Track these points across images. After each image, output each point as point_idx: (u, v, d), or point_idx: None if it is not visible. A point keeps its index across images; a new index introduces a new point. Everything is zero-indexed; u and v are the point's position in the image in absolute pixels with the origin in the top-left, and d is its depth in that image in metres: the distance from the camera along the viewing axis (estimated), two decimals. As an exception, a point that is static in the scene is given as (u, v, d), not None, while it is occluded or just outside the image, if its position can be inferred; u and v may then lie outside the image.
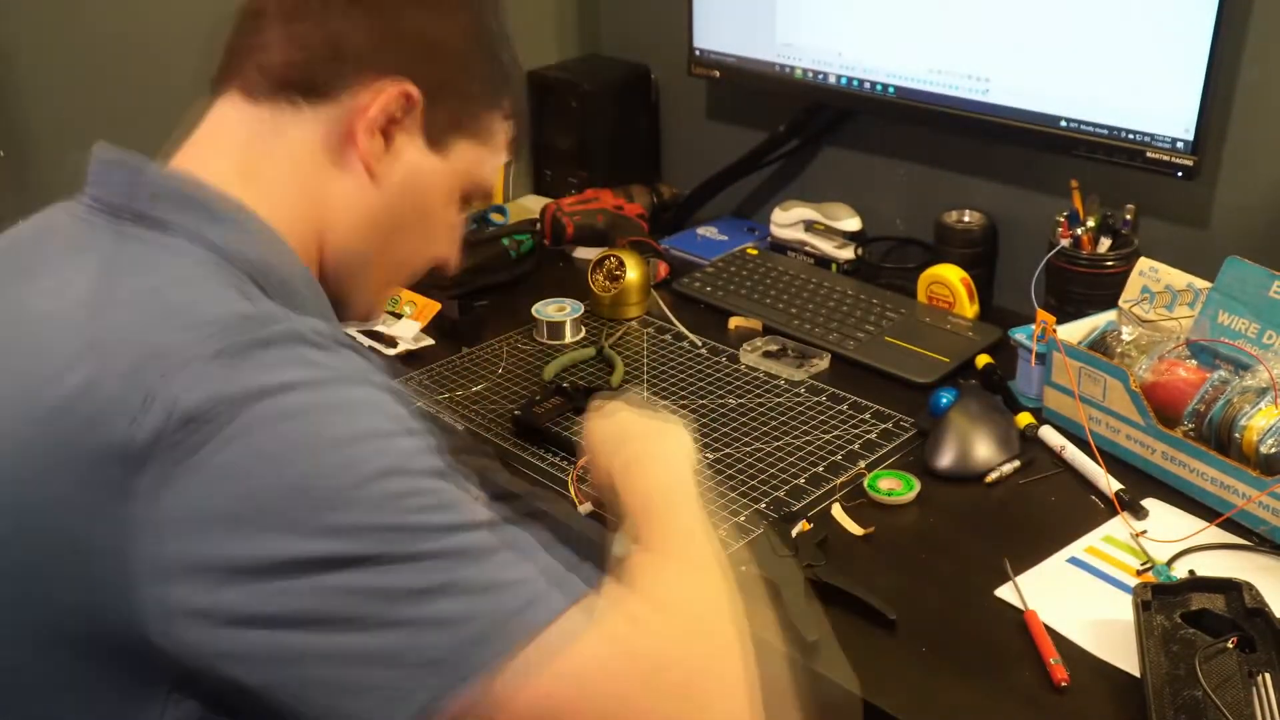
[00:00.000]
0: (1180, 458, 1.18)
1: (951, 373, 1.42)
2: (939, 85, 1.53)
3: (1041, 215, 1.52)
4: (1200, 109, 1.31)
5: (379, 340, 1.53)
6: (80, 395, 0.65)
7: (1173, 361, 1.23)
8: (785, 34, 1.68)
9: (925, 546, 1.13)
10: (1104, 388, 1.24)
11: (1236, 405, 1.15)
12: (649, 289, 1.64)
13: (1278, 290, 1.19)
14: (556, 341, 1.55)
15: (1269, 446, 1.11)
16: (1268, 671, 0.90)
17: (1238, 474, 1.12)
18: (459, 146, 0.87)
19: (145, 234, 0.75)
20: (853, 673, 0.97)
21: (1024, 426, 1.29)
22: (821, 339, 1.50)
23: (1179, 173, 1.35)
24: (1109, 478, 1.18)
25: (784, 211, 1.77)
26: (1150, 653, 0.93)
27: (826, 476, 1.24)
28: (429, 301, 1.55)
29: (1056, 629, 1.00)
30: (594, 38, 2.08)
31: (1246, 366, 1.18)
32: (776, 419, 1.35)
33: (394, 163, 0.83)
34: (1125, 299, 1.34)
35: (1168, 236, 1.46)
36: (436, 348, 1.53)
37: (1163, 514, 1.16)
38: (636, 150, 2.02)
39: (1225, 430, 1.15)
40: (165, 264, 0.73)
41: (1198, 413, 1.18)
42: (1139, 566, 1.08)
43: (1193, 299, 1.30)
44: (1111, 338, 1.29)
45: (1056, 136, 1.44)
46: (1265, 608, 0.95)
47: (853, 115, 1.76)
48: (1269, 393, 1.14)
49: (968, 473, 1.23)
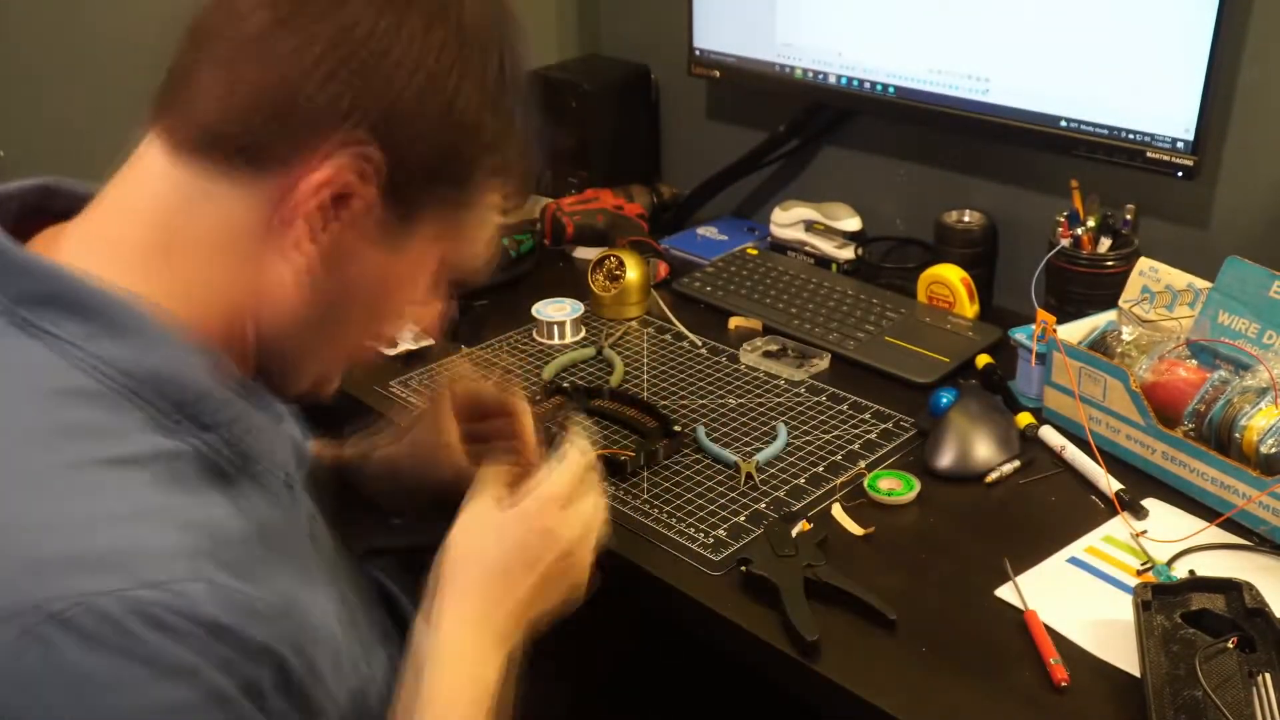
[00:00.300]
0: (1180, 458, 1.18)
1: (951, 373, 1.42)
2: (939, 85, 1.53)
3: (1041, 215, 1.52)
4: (1200, 109, 1.31)
5: None
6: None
7: (1173, 361, 1.23)
8: (785, 34, 1.68)
9: (925, 546, 1.13)
10: (1104, 388, 1.24)
11: (1236, 405, 1.15)
12: (649, 289, 1.64)
13: (1278, 290, 1.19)
14: (556, 341, 1.55)
15: (1269, 446, 1.11)
16: (1268, 671, 0.90)
17: (1238, 474, 1.12)
18: (430, 223, 0.74)
19: (32, 348, 0.66)
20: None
21: (1024, 426, 1.29)
22: (821, 339, 1.50)
23: (1179, 173, 1.35)
24: (1109, 478, 1.18)
25: (784, 211, 1.77)
26: (1150, 653, 0.93)
27: (826, 476, 1.24)
28: None
29: (1056, 629, 1.00)
30: (594, 38, 2.08)
31: (1247, 366, 1.18)
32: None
33: (343, 248, 0.71)
34: (1125, 299, 1.34)
35: (1168, 236, 1.46)
36: (434, 348, 1.53)
37: (1163, 514, 1.16)
38: (636, 150, 2.02)
39: (1225, 430, 1.15)
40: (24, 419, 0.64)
41: (1198, 413, 1.18)
42: (1139, 566, 1.08)
43: (1193, 299, 1.30)
44: (1111, 338, 1.29)
45: (1056, 136, 1.44)
46: (1265, 608, 0.95)
47: (853, 115, 1.76)
48: (1269, 393, 1.14)
49: (968, 473, 1.23)
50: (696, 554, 1.12)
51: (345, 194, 0.69)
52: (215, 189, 0.69)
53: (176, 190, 0.70)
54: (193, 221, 0.69)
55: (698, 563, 1.11)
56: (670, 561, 1.11)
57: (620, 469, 1.23)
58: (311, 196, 0.69)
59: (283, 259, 0.70)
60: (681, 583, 1.09)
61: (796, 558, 1.07)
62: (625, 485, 1.22)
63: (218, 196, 0.69)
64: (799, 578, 1.05)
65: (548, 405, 1.35)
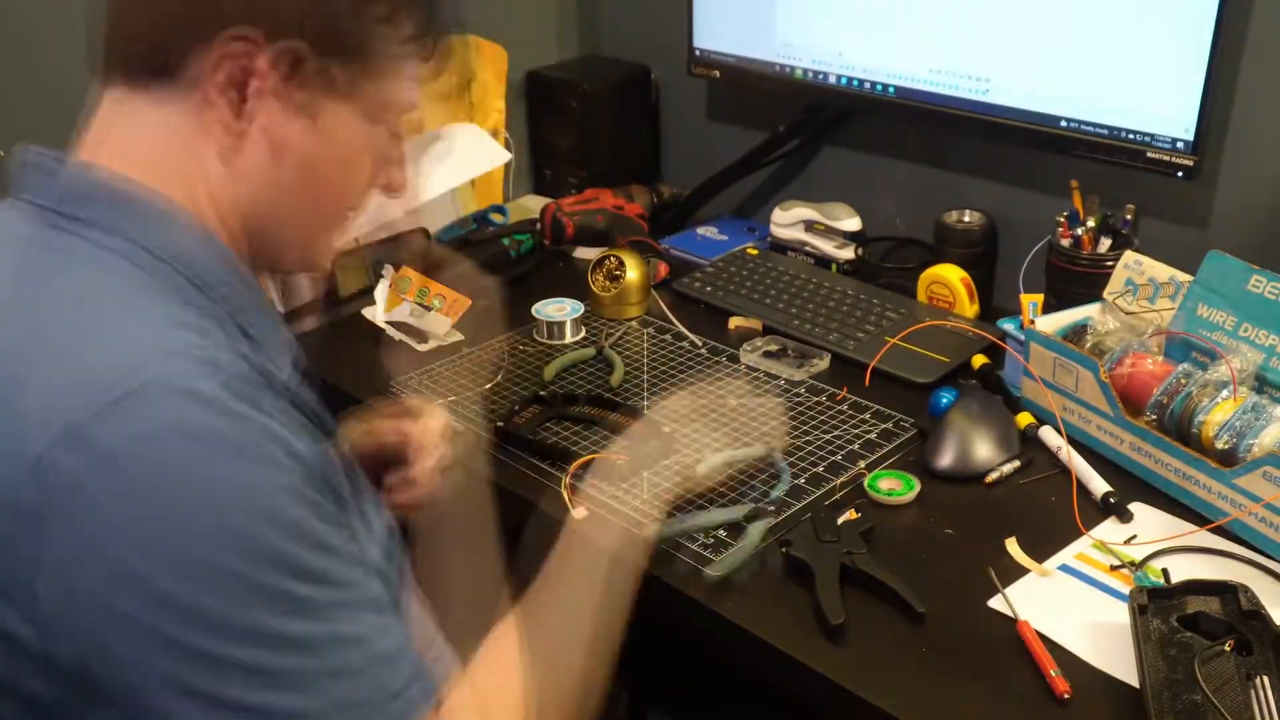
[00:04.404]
0: (1146, 448, 1.19)
1: (951, 373, 1.42)
2: (939, 85, 1.53)
3: (1041, 215, 1.52)
4: (1200, 109, 1.31)
5: (410, 335, 1.54)
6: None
7: (1140, 354, 1.23)
8: (785, 34, 1.68)
9: (925, 547, 1.13)
10: (1076, 378, 1.25)
11: (1196, 398, 1.16)
12: (649, 289, 1.64)
13: (1256, 284, 1.20)
14: (556, 341, 1.55)
15: (1224, 442, 1.12)
16: (1265, 674, 0.90)
17: (1199, 465, 1.13)
18: (345, 101, 0.81)
19: (75, 241, 0.76)
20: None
21: (1024, 427, 1.29)
22: (821, 339, 1.50)
23: (1179, 173, 1.35)
24: (1099, 479, 1.19)
25: (784, 211, 1.77)
26: (1148, 657, 0.93)
27: (826, 476, 1.24)
28: (459, 296, 1.53)
29: (1050, 636, 1.00)
30: (594, 38, 2.08)
31: (1218, 359, 1.19)
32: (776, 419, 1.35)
33: (270, 132, 0.79)
34: (1109, 291, 1.35)
35: (1168, 236, 1.46)
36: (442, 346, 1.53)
37: (1151, 518, 1.16)
38: (636, 150, 2.03)
39: (1186, 422, 1.16)
40: (90, 286, 0.74)
41: (1160, 404, 1.19)
42: (1127, 571, 1.08)
43: (1174, 292, 1.30)
44: (1089, 329, 1.29)
45: (1056, 136, 1.44)
46: (1261, 609, 0.95)
47: (853, 115, 1.76)
48: (1228, 386, 1.14)
49: (968, 473, 1.23)
50: (696, 554, 1.12)
51: (247, 79, 0.77)
52: (158, 105, 0.78)
53: (133, 113, 0.79)
54: (154, 135, 0.79)
55: (698, 563, 1.11)
56: (671, 562, 1.12)
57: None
58: (215, 88, 0.77)
59: (230, 148, 0.79)
60: (687, 587, 1.09)
61: (838, 544, 1.09)
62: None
63: (162, 109, 0.78)
64: (836, 563, 1.07)
65: (526, 415, 1.35)
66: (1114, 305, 1.33)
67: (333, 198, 0.86)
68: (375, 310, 1.59)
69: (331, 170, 0.84)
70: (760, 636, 1.02)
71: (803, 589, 1.06)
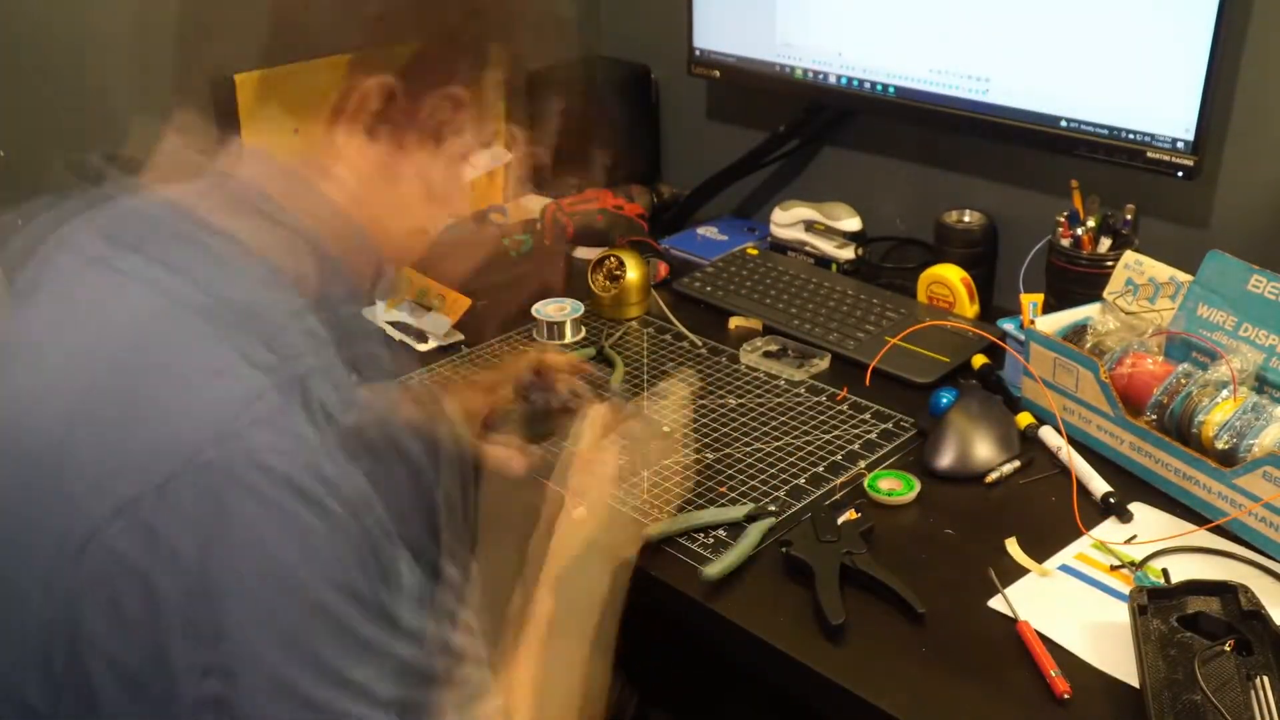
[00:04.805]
0: (1146, 448, 1.19)
1: (951, 373, 1.42)
2: (939, 85, 1.53)
3: (1041, 215, 1.52)
4: (1200, 109, 1.31)
5: (409, 334, 1.53)
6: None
7: (1141, 354, 1.23)
8: (785, 34, 1.68)
9: (925, 547, 1.13)
10: (1076, 378, 1.25)
11: (1196, 398, 1.16)
12: (649, 289, 1.64)
13: (1256, 284, 1.20)
14: (556, 341, 1.55)
15: (1224, 442, 1.12)
16: (1265, 674, 0.90)
17: (1199, 465, 1.13)
18: (450, 126, 0.88)
19: (148, 272, 0.76)
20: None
21: (1024, 427, 1.29)
22: (821, 339, 1.50)
23: (1179, 173, 1.35)
24: (1099, 479, 1.19)
25: (784, 211, 1.77)
26: (1148, 657, 0.93)
27: (826, 476, 1.24)
28: (458, 296, 1.54)
29: (1050, 637, 1.00)
30: (594, 38, 2.08)
31: (1217, 359, 1.19)
32: (776, 419, 1.35)
33: (395, 151, 0.86)
34: (1109, 291, 1.35)
35: (1168, 236, 1.46)
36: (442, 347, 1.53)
37: (1151, 518, 1.16)
38: (636, 150, 2.02)
39: (1186, 422, 1.16)
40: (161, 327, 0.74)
41: (1160, 404, 1.19)
42: (1127, 571, 1.08)
43: (1174, 292, 1.30)
44: (1090, 329, 1.29)
45: (1056, 136, 1.44)
46: (1261, 609, 0.95)
47: (853, 115, 1.76)
48: (1228, 386, 1.14)
49: (968, 473, 1.23)
50: (696, 554, 1.12)
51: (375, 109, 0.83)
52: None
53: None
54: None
55: (698, 563, 1.11)
56: (670, 562, 1.11)
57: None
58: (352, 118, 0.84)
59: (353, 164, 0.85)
60: (686, 587, 1.09)
61: (838, 544, 1.09)
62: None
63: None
64: (836, 563, 1.06)
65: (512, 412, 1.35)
66: (1114, 305, 1.33)
67: (429, 215, 0.93)
68: (375, 310, 1.59)
69: (442, 188, 0.91)
70: (760, 636, 1.02)
71: (803, 589, 1.06)
